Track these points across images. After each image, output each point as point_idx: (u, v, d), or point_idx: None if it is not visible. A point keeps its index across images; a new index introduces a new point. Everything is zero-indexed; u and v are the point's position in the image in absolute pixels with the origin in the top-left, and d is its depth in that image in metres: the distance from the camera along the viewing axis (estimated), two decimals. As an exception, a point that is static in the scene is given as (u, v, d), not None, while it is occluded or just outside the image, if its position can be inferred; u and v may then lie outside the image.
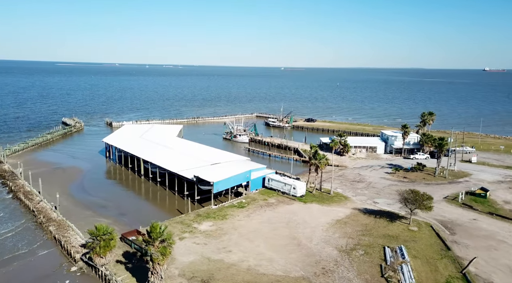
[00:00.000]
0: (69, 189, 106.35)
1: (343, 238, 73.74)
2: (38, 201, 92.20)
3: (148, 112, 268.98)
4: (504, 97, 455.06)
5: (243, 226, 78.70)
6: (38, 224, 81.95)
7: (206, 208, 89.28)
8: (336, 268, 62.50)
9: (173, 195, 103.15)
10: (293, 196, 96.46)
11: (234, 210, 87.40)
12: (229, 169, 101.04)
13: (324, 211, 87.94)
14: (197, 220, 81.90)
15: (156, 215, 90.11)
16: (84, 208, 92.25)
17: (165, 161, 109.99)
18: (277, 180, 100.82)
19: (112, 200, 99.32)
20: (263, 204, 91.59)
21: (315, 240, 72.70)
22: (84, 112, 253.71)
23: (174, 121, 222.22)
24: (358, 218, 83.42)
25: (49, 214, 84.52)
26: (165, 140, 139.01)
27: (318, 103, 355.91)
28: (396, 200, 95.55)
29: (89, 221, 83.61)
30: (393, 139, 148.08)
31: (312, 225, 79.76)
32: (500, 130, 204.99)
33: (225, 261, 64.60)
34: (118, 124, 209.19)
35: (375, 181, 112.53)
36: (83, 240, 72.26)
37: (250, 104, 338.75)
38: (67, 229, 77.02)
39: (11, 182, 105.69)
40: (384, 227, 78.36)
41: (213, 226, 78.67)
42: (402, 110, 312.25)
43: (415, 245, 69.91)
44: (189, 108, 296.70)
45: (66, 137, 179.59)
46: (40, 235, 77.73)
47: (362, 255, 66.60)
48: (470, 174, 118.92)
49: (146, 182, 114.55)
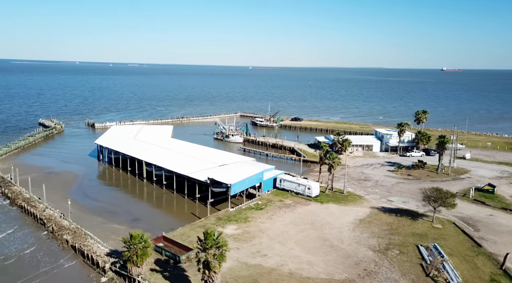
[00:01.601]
0: (70, 194, 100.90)
1: (372, 238, 73.46)
2: (42, 208, 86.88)
3: (128, 113, 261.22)
4: (472, 96, 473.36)
5: (269, 229, 77.02)
6: (50, 234, 77.09)
7: (224, 211, 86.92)
8: (377, 269, 62.01)
9: (182, 198, 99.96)
10: (308, 196, 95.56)
11: (254, 212, 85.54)
12: (242, 170, 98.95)
13: (343, 211, 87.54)
14: (220, 223, 79.53)
15: (171, 220, 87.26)
16: (93, 214, 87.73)
17: (171, 163, 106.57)
18: (290, 180, 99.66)
19: (119, 205, 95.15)
20: (281, 205, 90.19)
21: (346, 241, 72.05)
22: (61, 113, 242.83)
23: (159, 121, 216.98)
24: (380, 217, 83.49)
25: (59, 222, 79.77)
26: (162, 142, 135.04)
27: (301, 103, 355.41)
28: (410, 197, 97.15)
29: (103, 228, 79.82)
30: (388, 138, 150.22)
31: (337, 226, 79.14)
32: (480, 128, 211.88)
33: (264, 266, 62.82)
34: (101, 125, 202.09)
35: (381, 179, 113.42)
36: (107, 249, 68.55)
37: (231, 103, 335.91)
38: (85, 238, 72.78)
39: (6, 189, 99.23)
40: (409, 226, 78.74)
41: (238, 230, 76.57)
42: (385, 109, 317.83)
43: (446, 243, 70.52)
44: (170, 108, 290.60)
45: (47, 139, 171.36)
46: (55, 245, 73.17)
47: (398, 255, 66.47)
48: (469, 170, 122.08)
49: (149, 185, 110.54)
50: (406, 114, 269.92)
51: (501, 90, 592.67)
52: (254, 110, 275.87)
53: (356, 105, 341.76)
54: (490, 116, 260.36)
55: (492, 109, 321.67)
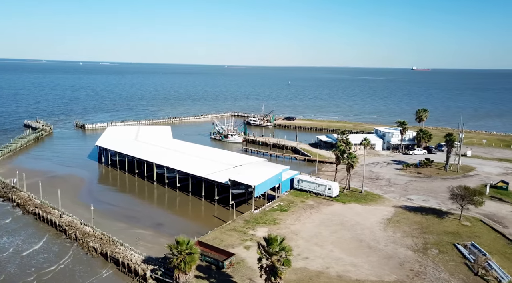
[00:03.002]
0: (81, 199, 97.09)
1: (406, 237, 73.44)
2: (58, 214, 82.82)
3: (115, 113, 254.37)
4: (452, 95, 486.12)
5: (301, 231, 75.92)
6: (73, 241, 73.50)
7: (248, 213, 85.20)
8: (423, 269, 61.87)
9: (198, 201, 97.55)
10: (328, 196, 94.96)
11: (279, 214, 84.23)
12: (260, 171, 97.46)
13: (368, 210, 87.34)
14: (249, 226, 77.87)
15: (194, 223, 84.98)
16: (112, 219, 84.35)
17: (185, 165, 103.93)
18: (309, 180, 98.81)
19: (136, 209, 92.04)
20: (304, 206, 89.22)
21: (382, 241, 71.74)
22: (45, 114, 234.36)
23: (151, 122, 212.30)
24: (407, 216, 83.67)
25: (82, 229, 76.16)
26: (166, 143, 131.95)
27: (288, 102, 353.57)
28: (428, 196, 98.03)
29: (128, 234, 76.88)
30: (390, 136, 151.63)
31: (367, 226, 78.82)
32: (470, 126, 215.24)
33: (310, 269, 61.70)
34: (91, 127, 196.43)
35: (392, 178, 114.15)
36: (141, 255, 65.81)
37: (219, 103, 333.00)
38: (115, 244, 69.67)
39: (13, 195, 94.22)
40: (438, 224, 79.18)
41: (270, 232, 74.88)
42: (376, 108, 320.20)
43: (481, 241, 71.12)
44: (157, 108, 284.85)
45: (37, 142, 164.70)
46: (80, 253, 69.83)
47: (438, 254, 66.57)
48: (474, 167, 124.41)
49: (160, 187, 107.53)
50: (398, 113, 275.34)
51: (475, 89, 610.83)
52: (244, 109, 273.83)
53: (346, 104, 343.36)
54: (477, 114, 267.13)
55: (478, 107, 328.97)
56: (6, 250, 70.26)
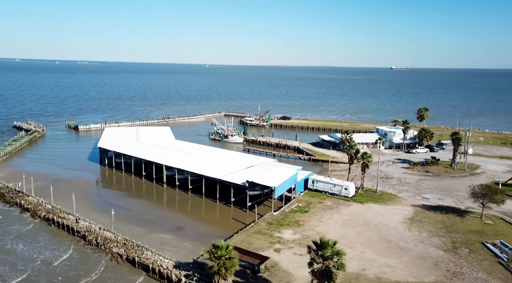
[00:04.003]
0: (92, 203, 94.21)
1: (433, 237, 73.44)
2: (73, 219, 79.91)
3: (107, 114, 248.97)
4: (438, 93, 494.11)
5: (327, 232, 74.93)
6: (94, 248, 70.95)
7: (268, 215, 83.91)
8: (459, 269, 61.82)
9: (212, 203, 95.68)
10: (345, 196, 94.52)
11: (300, 215, 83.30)
12: (276, 171, 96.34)
13: (387, 210, 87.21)
14: (273, 228, 76.68)
15: (214, 226, 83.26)
16: (130, 223, 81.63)
17: (197, 166, 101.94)
18: (325, 181, 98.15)
19: (153, 213, 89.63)
20: (323, 207, 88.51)
21: (410, 241, 71.56)
22: (34, 115, 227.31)
23: (146, 122, 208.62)
24: (427, 215, 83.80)
25: (102, 234, 73.59)
26: (171, 144, 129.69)
27: (280, 101, 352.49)
28: (442, 194, 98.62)
29: (150, 238, 74.56)
30: (392, 135, 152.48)
31: (391, 226, 78.62)
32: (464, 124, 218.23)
33: (347, 271, 60.06)
34: (85, 128, 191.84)
35: (402, 177, 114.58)
36: (171, 261, 63.85)
37: (210, 102, 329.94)
38: (141, 250, 67.45)
39: (21, 200, 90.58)
40: (460, 223, 79.53)
41: (296, 234, 74.10)
42: (370, 107, 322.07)
43: (508, 239, 71.51)
44: (148, 108, 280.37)
45: (31, 144, 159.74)
46: (103, 259, 67.34)
47: (470, 253, 66.71)
48: (478, 165, 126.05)
49: (169, 189, 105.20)
50: (392, 112, 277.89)
51: (458, 88, 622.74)
52: (237, 109, 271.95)
53: (340, 104, 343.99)
54: (470, 113, 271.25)
55: (468, 106, 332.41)
56: (34, 260, 67.01)
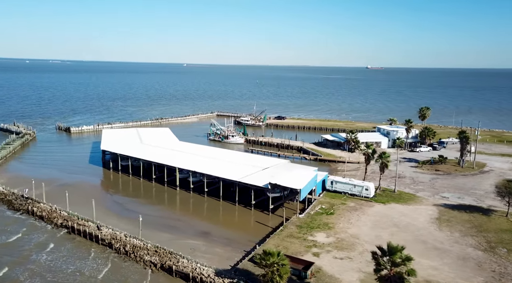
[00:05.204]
0: (108, 208, 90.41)
1: (466, 236, 73.37)
2: (94, 227, 76.27)
3: (95, 114, 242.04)
4: (422, 92, 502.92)
5: (359, 234, 74.05)
6: (123, 256, 67.75)
7: (295, 218, 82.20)
8: (504, 269, 61.74)
9: (231, 206, 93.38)
10: (365, 197, 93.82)
11: (328, 218, 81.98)
12: (296, 173, 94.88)
13: (411, 210, 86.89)
14: (304, 231, 75.14)
15: (240, 230, 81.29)
16: (154, 230, 78.33)
17: (213, 169, 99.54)
18: (345, 182, 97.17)
19: (174, 217, 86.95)
20: (348, 208, 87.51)
21: (445, 242, 71.24)
22: (19, 117, 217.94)
23: (138, 123, 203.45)
24: (453, 214, 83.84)
25: (130, 242, 70.37)
26: (177, 146, 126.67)
27: (271, 101, 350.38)
28: (459, 193, 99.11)
29: (179, 245, 71.88)
30: (395, 134, 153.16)
31: (420, 226, 78.26)
32: (451, 121, 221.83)
33: (393, 275, 59.67)
34: (77, 130, 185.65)
35: (414, 176, 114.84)
36: (210, 268, 61.43)
37: (197, 102, 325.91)
38: (175, 258, 64.68)
39: (33, 207, 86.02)
40: (488, 222, 79.85)
41: (330, 237, 72.75)
42: (364, 106, 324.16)
43: (540, 237, 72.21)
44: (135, 108, 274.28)
45: (23, 147, 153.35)
46: (136, 268, 64.39)
47: (509, 253, 66.79)
48: (485, 163, 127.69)
49: (183, 193, 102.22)
50: (385, 111, 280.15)
51: (439, 86, 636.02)
52: (228, 109, 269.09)
53: (335, 103, 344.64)
54: (460, 111, 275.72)
55: (455, 104, 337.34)
56: (63, 271, 63.42)
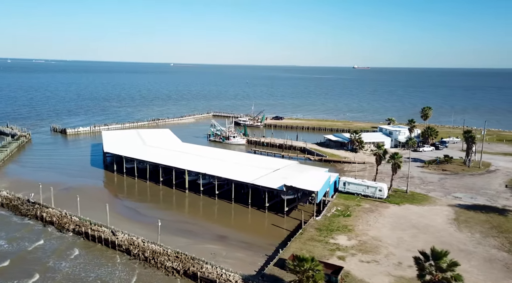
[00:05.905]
0: (119, 213, 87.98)
1: (487, 237, 73.08)
2: (109, 232, 74.07)
3: (89, 115, 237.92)
4: (416, 92, 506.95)
5: (381, 236, 73.25)
6: (143, 262, 65.79)
7: (313, 221, 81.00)
8: (532, 270, 61.45)
9: (244, 208, 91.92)
10: (379, 198, 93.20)
11: (346, 220, 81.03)
12: (309, 174, 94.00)
13: (427, 211, 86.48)
14: (325, 234, 74.04)
15: (257, 234, 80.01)
16: (170, 234, 76.12)
17: (223, 171, 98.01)
18: (358, 183, 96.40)
19: (188, 221, 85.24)
20: (364, 210, 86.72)
21: (468, 243, 70.82)
22: (11, 119, 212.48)
23: (135, 125, 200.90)
24: (470, 215, 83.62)
25: (149, 248, 68.41)
26: (182, 147, 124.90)
27: (267, 101, 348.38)
28: (471, 192, 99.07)
29: (198, 249, 70.18)
30: (397, 134, 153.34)
31: (439, 227, 77.80)
32: (447, 121, 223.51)
33: (424, 278, 58.94)
34: (73, 131, 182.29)
35: (422, 176, 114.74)
36: (236, 274, 59.94)
37: (191, 102, 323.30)
38: (199, 264, 62.97)
39: (42, 212, 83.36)
40: (506, 222, 79.81)
41: (352, 240, 71.78)
42: (361, 106, 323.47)
43: (562, 237, 72.27)
44: (130, 109, 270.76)
45: (20, 150, 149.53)
46: (157, 274, 62.52)
47: (532, 253, 66.63)
48: (490, 162, 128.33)
49: (192, 195, 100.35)
50: (381, 111, 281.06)
51: (430, 86, 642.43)
52: (223, 109, 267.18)
53: (332, 103, 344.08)
54: (453, 110, 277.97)
55: (450, 104, 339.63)
56: (83, 279, 61.14)
